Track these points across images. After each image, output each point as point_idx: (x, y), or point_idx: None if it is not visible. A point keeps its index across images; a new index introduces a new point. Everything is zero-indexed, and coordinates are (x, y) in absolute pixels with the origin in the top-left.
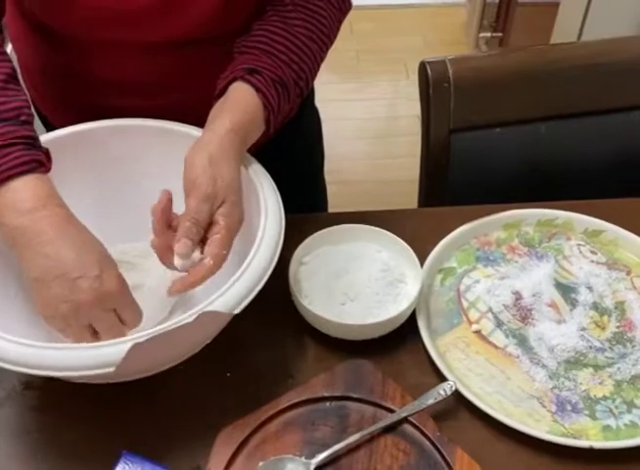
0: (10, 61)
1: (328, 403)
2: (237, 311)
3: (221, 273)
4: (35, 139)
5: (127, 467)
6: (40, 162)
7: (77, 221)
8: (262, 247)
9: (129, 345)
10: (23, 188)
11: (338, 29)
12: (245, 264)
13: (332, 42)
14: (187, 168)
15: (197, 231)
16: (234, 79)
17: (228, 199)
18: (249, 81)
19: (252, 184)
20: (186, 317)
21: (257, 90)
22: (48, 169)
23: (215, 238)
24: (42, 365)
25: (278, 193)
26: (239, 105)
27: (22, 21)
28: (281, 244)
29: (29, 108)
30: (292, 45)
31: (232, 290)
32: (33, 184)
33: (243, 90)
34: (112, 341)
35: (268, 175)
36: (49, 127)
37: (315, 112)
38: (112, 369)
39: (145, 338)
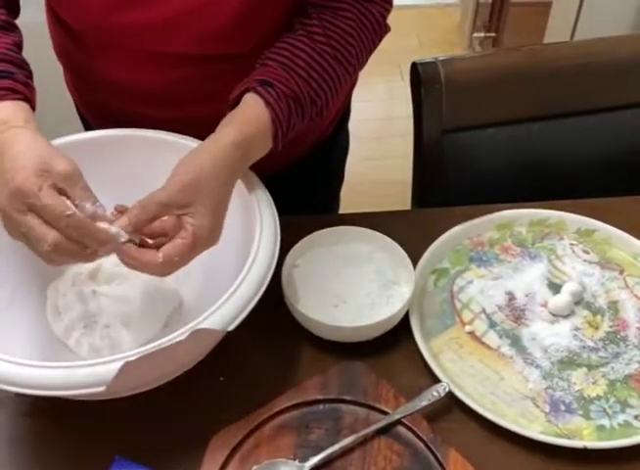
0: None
1: (321, 406)
2: (231, 328)
3: (215, 288)
4: (10, 72)
5: None
6: (11, 89)
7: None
8: (257, 262)
9: (120, 363)
10: None
11: (369, 52)
12: (239, 280)
13: (361, 65)
14: (175, 168)
15: (138, 220)
16: (246, 90)
17: (199, 210)
18: (259, 93)
19: (248, 197)
20: (179, 335)
21: (267, 103)
22: (25, 97)
23: (178, 242)
24: (32, 384)
25: (274, 206)
26: (246, 117)
27: (52, 17)
28: (276, 259)
29: (11, 50)
30: (314, 62)
31: (226, 306)
32: None
33: (253, 102)
34: (103, 359)
35: (264, 188)
36: (87, 129)
37: (346, 134)
38: (103, 388)
39: (137, 356)
